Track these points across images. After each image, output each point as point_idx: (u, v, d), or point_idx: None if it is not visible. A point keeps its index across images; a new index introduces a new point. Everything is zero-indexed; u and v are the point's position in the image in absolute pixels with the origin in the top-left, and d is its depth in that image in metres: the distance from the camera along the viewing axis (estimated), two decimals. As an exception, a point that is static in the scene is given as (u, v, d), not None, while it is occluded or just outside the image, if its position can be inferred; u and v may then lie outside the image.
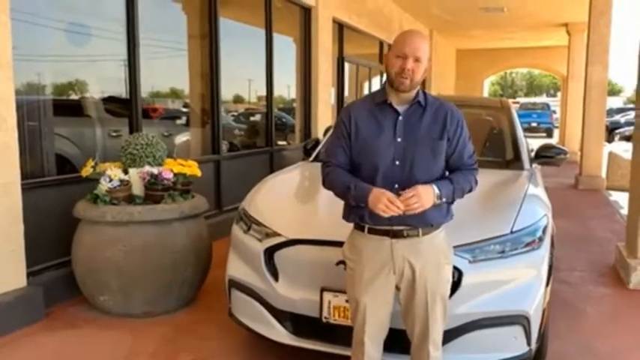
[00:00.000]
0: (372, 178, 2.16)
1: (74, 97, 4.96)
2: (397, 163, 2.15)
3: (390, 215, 2.05)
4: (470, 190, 2.27)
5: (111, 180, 3.64)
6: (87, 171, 3.79)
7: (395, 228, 2.16)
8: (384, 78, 2.26)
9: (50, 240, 3.94)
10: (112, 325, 3.58)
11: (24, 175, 3.64)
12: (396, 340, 2.36)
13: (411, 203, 2.03)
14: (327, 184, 2.28)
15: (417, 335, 2.25)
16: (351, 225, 2.31)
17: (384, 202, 2.03)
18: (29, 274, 3.68)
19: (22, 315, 3.50)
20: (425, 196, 2.06)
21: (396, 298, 2.27)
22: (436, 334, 2.24)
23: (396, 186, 2.13)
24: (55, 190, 4.04)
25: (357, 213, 2.20)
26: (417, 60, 2.12)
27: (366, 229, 2.21)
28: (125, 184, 3.69)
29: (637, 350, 3.37)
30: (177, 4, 6.22)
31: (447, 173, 2.26)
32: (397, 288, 2.23)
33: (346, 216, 2.29)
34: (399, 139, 2.17)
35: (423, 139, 2.17)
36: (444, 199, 2.14)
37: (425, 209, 2.07)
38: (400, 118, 2.19)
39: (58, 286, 3.88)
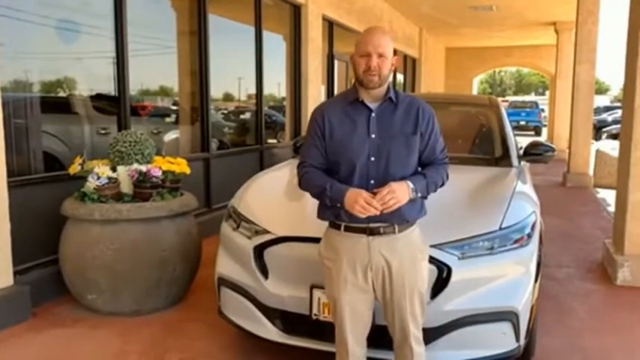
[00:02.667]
0: (349, 175, 2.17)
1: (62, 94, 4.91)
2: (372, 159, 2.16)
3: (367, 216, 2.06)
4: (442, 184, 2.30)
5: (99, 178, 3.61)
6: (75, 168, 3.76)
7: (372, 225, 2.17)
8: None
9: (37, 238, 3.91)
10: (100, 324, 3.56)
11: (10, 173, 3.60)
12: (383, 335, 2.37)
13: (387, 200, 2.05)
14: (303, 184, 2.28)
15: (398, 331, 2.26)
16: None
17: (360, 204, 2.04)
18: (16, 273, 3.64)
19: (7, 314, 3.47)
20: (399, 191, 2.08)
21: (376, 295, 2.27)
22: (416, 329, 2.26)
23: (372, 182, 2.15)
24: (43, 188, 4.00)
25: (333, 212, 2.20)
26: (380, 56, 2.14)
27: (342, 227, 2.21)
28: (113, 181, 3.67)
29: (623, 346, 3.41)
30: (166, 1, 6.17)
31: (419, 169, 2.28)
32: (374, 285, 2.24)
33: (321, 215, 2.29)
34: (373, 136, 2.18)
35: (396, 135, 2.19)
36: (418, 194, 2.16)
37: (401, 205, 2.09)
38: (373, 114, 2.20)
39: (46, 285, 3.84)
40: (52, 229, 3.82)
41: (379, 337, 2.38)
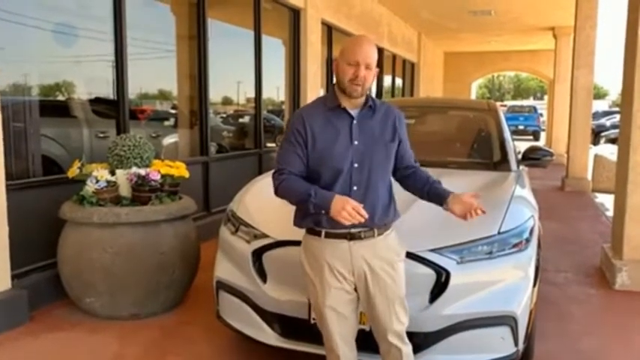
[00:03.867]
0: (331, 182, 2.17)
1: (61, 98, 4.91)
2: (356, 165, 2.18)
3: (352, 223, 2.05)
4: None
5: (97, 181, 3.61)
6: (73, 172, 3.76)
7: (353, 230, 2.17)
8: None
9: (36, 242, 3.90)
10: (98, 328, 3.55)
11: (9, 176, 3.59)
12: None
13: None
14: (281, 191, 2.22)
15: (382, 334, 2.27)
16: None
17: (348, 210, 2.02)
18: (14, 277, 3.63)
19: (5, 318, 3.46)
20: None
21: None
22: (401, 329, 2.27)
23: (355, 188, 2.17)
24: (41, 192, 3.99)
25: (314, 218, 2.19)
26: (367, 67, 2.15)
27: (323, 234, 2.21)
28: (112, 185, 3.67)
29: (622, 350, 3.41)
30: (165, 5, 6.19)
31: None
32: (355, 289, 2.25)
33: (299, 222, 2.28)
34: (355, 142, 2.19)
35: (377, 142, 2.22)
36: None
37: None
38: (355, 121, 2.21)
39: (44, 289, 3.83)
40: (50, 232, 3.82)
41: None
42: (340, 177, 2.17)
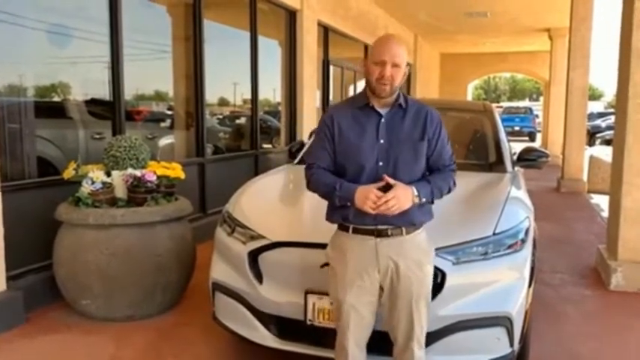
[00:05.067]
0: (356, 179, 2.18)
1: (56, 99, 4.90)
2: (380, 164, 2.18)
3: (377, 213, 2.06)
4: (449, 191, 2.31)
5: (93, 182, 3.61)
6: (69, 173, 3.75)
7: (379, 227, 2.18)
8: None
9: (31, 243, 3.89)
10: (93, 329, 3.54)
11: (4, 178, 3.59)
12: (376, 341, 2.37)
13: (390, 205, 2.06)
14: (312, 185, 2.29)
15: (402, 335, 2.26)
16: (334, 228, 2.31)
17: (372, 199, 2.05)
18: (9, 278, 3.62)
19: (0, 320, 3.44)
20: (403, 197, 2.09)
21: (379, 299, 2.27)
22: (420, 333, 2.26)
23: (380, 188, 2.15)
24: (37, 193, 3.98)
25: (341, 213, 2.22)
26: (395, 65, 2.15)
27: (350, 229, 2.22)
28: (108, 186, 3.66)
29: (617, 351, 3.42)
30: (161, 7, 6.18)
31: (427, 173, 2.28)
32: (380, 288, 2.24)
33: (329, 216, 2.30)
34: (381, 141, 2.20)
35: (405, 141, 2.21)
36: (423, 199, 2.17)
37: (402, 210, 2.10)
38: (382, 120, 2.22)
39: (39, 290, 3.82)
40: (45, 234, 3.81)
41: (378, 343, 2.37)
42: (364, 174, 2.18)
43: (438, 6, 12.14)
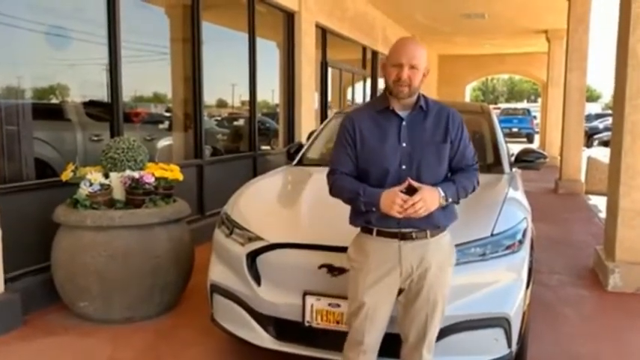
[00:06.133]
0: (380, 184, 2.17)
1: (55, 100, 4.90)
2: (404, 167, 2.17)
3: (403, 217, 2.05)
4: (473, 190, 2.30)
5: (91, 184, 3.60)
6: (67, 175, 3.75)
7: (403, 230, 2.17)
8: (368, 84, 2.28)
9: (29, 245, 3.88)
10: (91, 331, 3.53)
11: (1, 180, 3.59)
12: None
13: (417, 208, 2.05)
14: (335, 191, 2.26)
15: (414, 337, 2.26)
16: (332, 229, 2.32)
17: (398, 203, 2.03)
18: (7, 280, 3.62)
19: (-2, 322, 3.44)
20: (430, 199, 2.08)
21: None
22: (432, 336, 2.27)
23: (404, 191, 2.14)
24: (34, 195, 3.98)
25: (365, 217, 2.20)
26: (412, 67, 2.14)
27: (374, 232, 2.21)
28: (106, 188, 3.66)
29: (615, 352, 3.43)
30: (159, 8, 6.19)
31: (448, 174, 2.28)
32: (400, 290, 2.24)
33: (353, 220, 2.28)
34: (404, 144, 2.19)
35: (427, 143, 2.20)
36: (449, 200, 2.17)
37: (429, 212, 2.09)
38: (404, 123, 2.21)
39: (37, 292, 3.82)
40: (43, 236, 3.80)
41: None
42: (388, 178, 2.16)
43: (435, 7, 12.16)
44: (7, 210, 3.57)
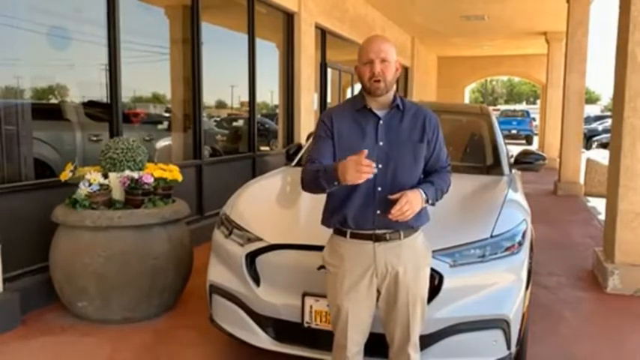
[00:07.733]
0: None
1: (54, 101, 4.90)
2: (380, 166, 2.16)
3: (366, 179, 1.95)
4: (447, 191, 2.33)
5: (90, 184, 3.60)
6: (66, 175, 3.74)
7: (377, 232, 2.17)
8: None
9: (28, 245, 3.88)
10: (90, 332, 3.53)
11: (0, 179, 3.58)
12: (373, 343, 2.37)
13: (404, 211, 2.04)
14: (304, 183, 2.23)
15: (398, 338, 2.26)
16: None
17: (354, 168, 1.93)
18: (5, 280, 3.61)
19: (-3, 322, 3.44)
20: (415, 201, 2.09)
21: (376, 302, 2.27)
22: (416, 336, 2.26)
23: (379, 189, 2.16)
24: (33, 195, 3.97)
25: (338, 218, 2.21)
26: (383, 61, 2.16)
27: (348, 234, 2.22)
28: (105, 188, 3.65)
29: (614, 353, 3.43)
30: (159, 9, 6.18)
31: (421, 176, 2.28)
32: (378, 292, 2.24)
33: (326, 221, 2.29)
34: (380, 143, 2.19)
35: (404, 143, 2.21)
36: (430, 201, 2.18)
37: (414, 214, 2.10)
38: (381, 122, 2.22)
39: (36, 292, 3.81)
40: (42, 236, 3.80)
41: (374, 345, 2.37)
42: None
43: (434, 9, 12.17)
44: (6, 210, 3.57)
